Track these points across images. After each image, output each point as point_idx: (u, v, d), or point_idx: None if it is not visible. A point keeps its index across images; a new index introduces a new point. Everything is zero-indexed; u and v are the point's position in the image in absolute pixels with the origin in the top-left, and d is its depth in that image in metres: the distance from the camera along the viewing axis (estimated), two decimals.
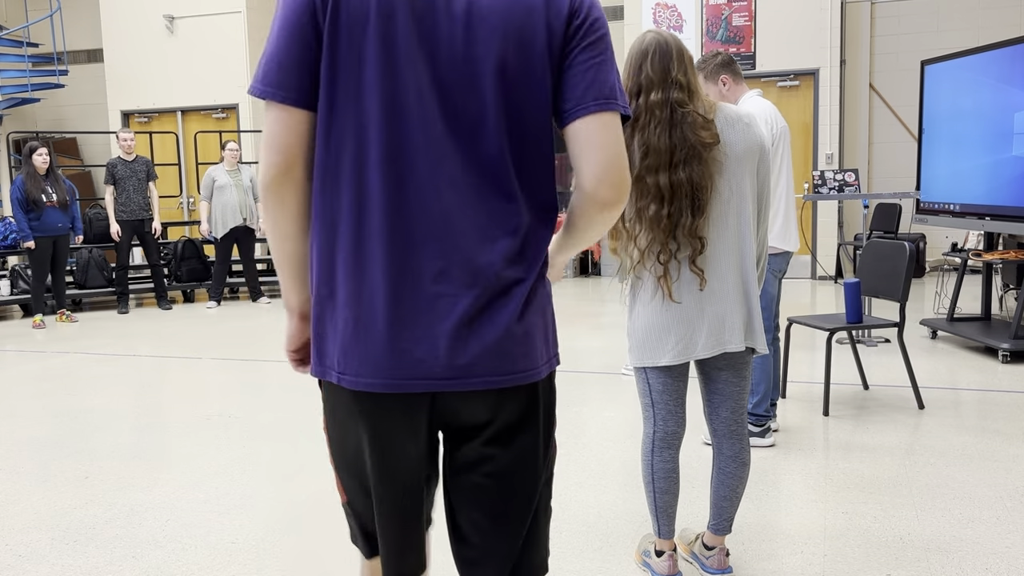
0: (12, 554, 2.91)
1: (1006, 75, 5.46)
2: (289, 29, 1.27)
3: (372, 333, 1.30)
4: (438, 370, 1.30)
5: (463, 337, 1.30)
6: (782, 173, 3.68)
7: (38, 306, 7.93)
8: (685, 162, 2.26)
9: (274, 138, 1.28)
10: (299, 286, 1.41)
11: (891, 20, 9.89)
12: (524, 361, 1.35)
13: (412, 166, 1.27)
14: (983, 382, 4.82)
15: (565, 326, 7.05)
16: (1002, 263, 6.56)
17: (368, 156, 1.27)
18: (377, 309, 1.30)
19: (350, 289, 1.31)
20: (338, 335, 1.33)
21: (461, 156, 1.28)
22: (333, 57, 1.26)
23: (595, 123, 1.31)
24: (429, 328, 1.29)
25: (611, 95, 1.31)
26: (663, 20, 9.59)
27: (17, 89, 10.97)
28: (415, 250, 1.29)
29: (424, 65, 1.26)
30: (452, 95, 1.27)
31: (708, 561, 2.57)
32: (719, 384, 2.46)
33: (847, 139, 9.87)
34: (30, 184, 7.64)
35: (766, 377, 3.69)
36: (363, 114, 1.26)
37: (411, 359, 1.30)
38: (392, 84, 1.26)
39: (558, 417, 4.34)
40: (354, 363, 1.31)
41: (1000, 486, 3.25)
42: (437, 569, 2.65)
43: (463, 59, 1.27)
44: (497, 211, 1.31)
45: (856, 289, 4.30)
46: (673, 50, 2.31)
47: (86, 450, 4.05)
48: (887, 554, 2.71)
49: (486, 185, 1.30)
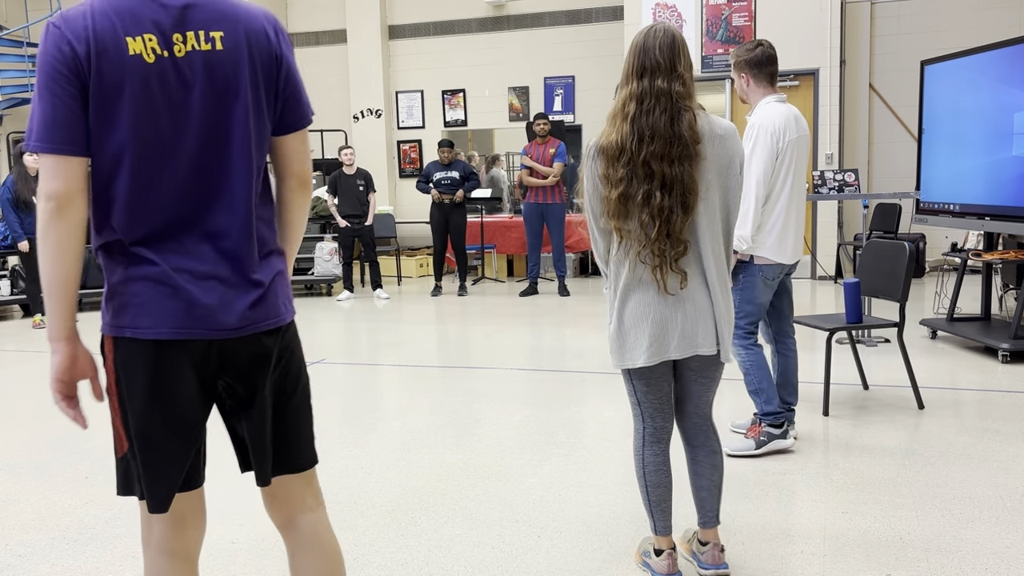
0: (12, 554, 2.91)
1: (1006, 75, 5.46)
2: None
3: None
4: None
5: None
6: (786, 186, 3.52)
7: (36, 306, 7.92)
8: (680, 159, 2.29)
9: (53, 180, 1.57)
10: (72, 312, 1.63)
11: (891, 20, 9.89)
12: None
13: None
14: (983, 382, 4.82)
15: (565, 326, 7.05)
16: (1002, 263, 6.57)
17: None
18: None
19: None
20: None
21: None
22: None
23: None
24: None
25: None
26: (663, 20, 9.59)
27: (17, 89, 10.97)
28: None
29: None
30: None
31: (703, 557, 2.59)
32: (690, 384, 2.50)
33: (847, 139, 9.87)
34: (21, 185, 7.53)
35: (765, 376, 3.66)
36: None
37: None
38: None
39: (558, 416, 4.34)
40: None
41: (1000, 486, 3.25)
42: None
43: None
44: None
45: (856, 289, 4.30)
46: (680, 46, 2.33)
47: (86, 450, 4.05)
48: (887, 554, 2.71)
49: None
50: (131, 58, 1.56)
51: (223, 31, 1.63)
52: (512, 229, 10.29)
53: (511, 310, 8.07)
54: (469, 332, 6.97)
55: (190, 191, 1.64)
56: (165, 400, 1.64)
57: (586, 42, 10.88)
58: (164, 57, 1.58)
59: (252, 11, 1.69)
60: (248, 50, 1.65)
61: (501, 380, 5.21)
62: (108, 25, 1.56)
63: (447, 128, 11.61)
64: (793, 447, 3.68)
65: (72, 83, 1.55)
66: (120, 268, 1.64)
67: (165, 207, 1.62)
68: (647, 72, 2.31)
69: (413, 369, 5.61)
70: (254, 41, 1.66)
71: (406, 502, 3.27)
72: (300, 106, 1.76)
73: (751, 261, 3.55)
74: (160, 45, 1.58)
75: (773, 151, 3.47)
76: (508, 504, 3.22)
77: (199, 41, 1.61)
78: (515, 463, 3.67)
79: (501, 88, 11.36)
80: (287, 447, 1.79)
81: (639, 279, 2.39)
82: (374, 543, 2.91)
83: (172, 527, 1.74)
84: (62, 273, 1.58)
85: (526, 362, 5.71)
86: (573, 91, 11.04)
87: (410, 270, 11.17)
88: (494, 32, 11.27)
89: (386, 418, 4.42)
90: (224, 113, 1.64)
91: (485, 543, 2.88)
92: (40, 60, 1.56)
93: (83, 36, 1.55)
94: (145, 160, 1.60)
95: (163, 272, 1.62)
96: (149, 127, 1.58)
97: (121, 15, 1.57)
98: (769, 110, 3.53)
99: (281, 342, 1.75)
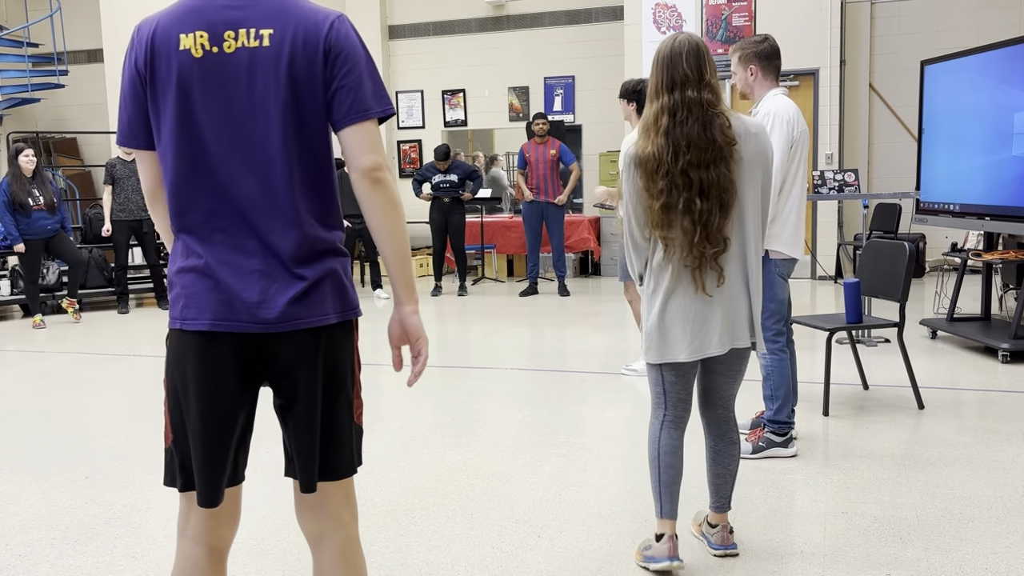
0: (12, 554, 2.91)
1: (1006, 75, 5.46)
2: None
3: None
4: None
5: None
6: (797, 178, 3.55)
7: (35, 307, 7.91)
8: (715, 163, 2.40)
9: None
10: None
11: (891, 20, 9.88)
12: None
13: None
14: (983, 382, 4.82)
15: (565, 326, 7.05)
16: (1002, 263, 6.56)
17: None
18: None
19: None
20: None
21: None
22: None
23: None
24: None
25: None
26: (663, 20, 9.59)
27: (17, 89, 10.97)
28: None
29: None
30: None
31: (713, 538, 2.73)
32: (714, 376, 2.63)
33: (847, 139, 9.87)
34: (16, 186, 7.48)
35: (784, 382, 3.58)
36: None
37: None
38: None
39: (558, 416, 4.34)
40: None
41: (1000, 486, 3.25)
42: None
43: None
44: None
45: (856, 289, 4.30)
46: (705, 53, 2.45)
47: (86, 450, 4.05)
48: (887, 554, 2.71)
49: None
50: (180, 53, 1.65)
51: (273, 28, 1.66)
52: (512, 229, 10.28)
53: (511, 310, 8.07)
54: (469, 332, 6.97)
55: (233, 183, 1.67)
56: (205, 393, 1.67)
57: (586, 42, 10.88)
58: (212, 52, 1.65)
59: (312, 10, 1.70)
60: (292, 46, 1.65)
61: (501, 380, 5.21)
62: (168, 24, 1.67)
63: (447, 128, 11.62)
64: (796, 452, 3.66)
65: (134, 82, 1.71)
66: (177, 258, 1.72)
67: (209, 198, 1.67)
68: (677, 85, 2.42)
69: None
70: (302, 37, 1.66)
71: (406, 502, 3.27)
72: (358, 99, 1.69)
73: (767, 256, 3.52)
74: (209, 41, 1.65)
75: (789, 139, 3.49)
76: (508, 504, 3.22)
77: (248, 38, 1.65)
78: (515, 463, 3.67)
79: (501, 88, 11.36)
80: (323, 452, 1.74)
81: (681, 281, 2.49)
82: (374, 543, 2.91)
83: (208, 519, 1.77)
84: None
85: (526, 362, 5.71)
86: (573, 91, 11.04)
87: None
88: (494, 32, 11.27)
89: (386, 418, 4.42)
90: (265, 108, 1.66)
91: (485, 543, 2.88)
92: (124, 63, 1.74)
93: (145, 39, 1.69)
94: (190, 150, 1.66)
95: (207, 264, 1.67)
96: (193, 119, 1.66)
97: (184, 15, 1.67)
98: (780, 101, 3.58)
99: (326, 342, 1.71)
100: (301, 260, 1.69)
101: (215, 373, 1.67)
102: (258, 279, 1.66)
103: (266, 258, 1.67)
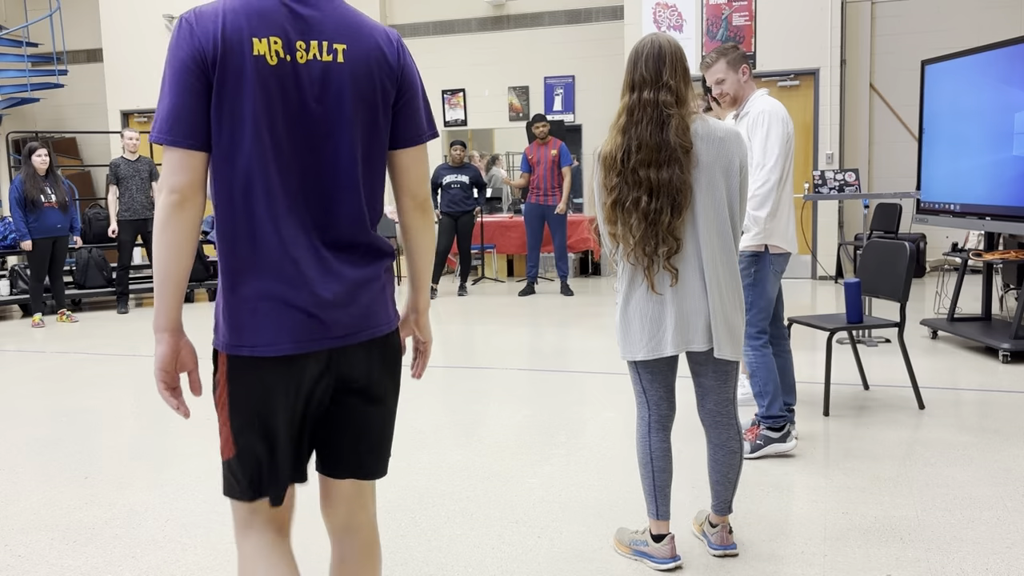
0: (12, 554, 2.91)
1: (1006, 75, 5.46)
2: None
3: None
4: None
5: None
6: (790, 172, 3.61)
7: (37, 305, 7.94)
8: (668, 163, 2.43)
9: (174, 175, 1.59)
10: (179, 304, 1.64)
11: (891, 20, 9.88)
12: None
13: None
14: (983, 382, 4.82)
15: (566, 326, 7.05)
16: (1002, 263, 6.56)
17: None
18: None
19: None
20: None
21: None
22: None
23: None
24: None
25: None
26: (663, 20, 9.59)
27: (17, 89, 10.97)
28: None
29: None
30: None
31: (713, 538, 2.74)
32: (702, 378, 2.65)
33: (847, 139, 9.87)
34: (29, 184, 7.65)
35: (772, 379, 3.62)
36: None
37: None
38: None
39: (558, 416, 4.34)
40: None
41: (1000, 486, 3.25)
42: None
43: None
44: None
45: (856, 289, 4.29)
46: (667, 55, 2.47)
47: (86, 450, 4.05)
48: (887, 554, 2.70)
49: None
50: (255, 58, 1.59)
51: (346, 44, 1.66)
52: (512, 229, 10.28)
53: (511, 310, 8.07)
54: (469, 332, 6.96)
55: (299, 194, 1.64)
56: (263, 407, 1.67)
57: (586, 42, 10.87)
58: (287, 61, 1.61)
59: (376, 28, 1.73)
60: (367, 65, 1.68)
61: (501, 380, 5.21)
62: (238, 25, 1.59)
63: (447, 128, 11.61)
64: (794, 451, 3.67)
65: (199, 79, 1.57)
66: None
67: (275, 208, 1.63)
68: (636, 86, 2.49)
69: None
70: (374, 57, 1.69)
71: (406, 502, 3.27)
72: (415, 123, 1.76)
73: (765, 251, 3.56)
74: (284, 49, 1.61)
75: (785, 135, 3.54)
76: (508, 504, 3.22)
77: (321, 51, 1.64)
78: (515, 463, 3.67)
79: (501, 88, 11.35)
80: (367, 452, 1.81)
81: (636, 280, 2.55)
82: None
83: (272, 511, 1.76)
84: (175, 268, 1.60)
85: (527, 362, 5.70)
86: (573, 91, 11.04)
87: None
88: (494, 32, 11.27)
89: None
90: (335, 123, 1.66)
91: (485, 543, 2.88)
92: (170, 54, 1.59)
93: (212, 33, 1.58)
94: (259, 158, 1.60)
95: (269, 286, 1.63)
96: (266, 127, 1.60)
97: (251, 16, 1.60)
98: (771, 100, 3.61)
99: (377, 352, 1.75)
100: (356, 277, 1.73)
101: (274, 391, 1.75)
102: (314, 294, 1.71)
103: (324, 275, 1.71)
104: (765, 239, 3.54)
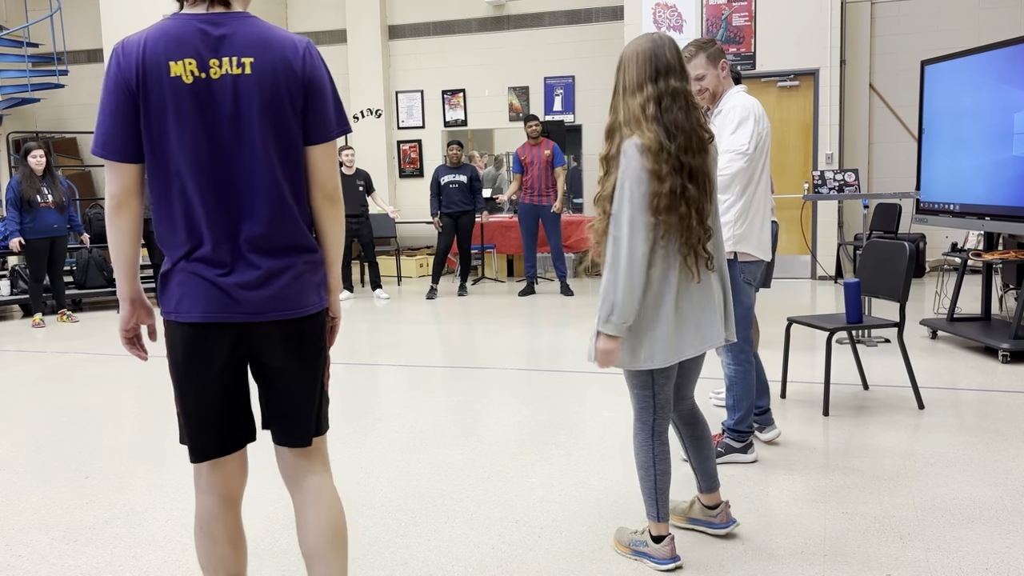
0: (12, 554, 2.91)
1: (1006, 75, 5.46)
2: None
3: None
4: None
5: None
6: (763, 176, 3.44)
7: (36, 305, 7.94)
8: (698, 152, 2.46)
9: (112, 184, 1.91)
10: (134, 280, 2.01)
11: (891, 20, 9.88)
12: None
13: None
14: (983, 382, 4.82)
15: (566, 326, 7.05)
16: (1002, 263, 6.56)
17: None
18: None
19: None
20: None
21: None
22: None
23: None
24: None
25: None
26: (663, 20, 9.58)
27: (17, 89, 10.96)
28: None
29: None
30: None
31: (717, 519, 2.79)
32: (687, 372, 2.71)
33: (847, 139, 9.87)
34: (26, 184, 7.67)
35: (748, 396, 3.51)
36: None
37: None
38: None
39: (558, 416, 4.34)
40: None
41: (1000, 486, 3.25)
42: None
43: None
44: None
45: (856, 289, 4.30)
46: (677, 49, 2.52)
47: (86, 450, 4.05)
48: (887, 554, 2.71)
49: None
50: (172, 79, 1.83)
51: (254, 57, 1.87)
52: (512, 229, 10.29)
53: (511, 310, 8.07)
54: (469, 332, 6.96)
55: (220, 195, 1.88)
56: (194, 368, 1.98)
57: (586, 42, 10.87)
58: (201, 79, 1.84)
59: (284, 39, 1.92)
60: (273, 74, 1.87)
61: (501, 380, 5.21)
62: (156, 51, 1.83)
63: (447, 128, 11.61)
64: (756, 459, 3.59)
65: (127, 102, 1.84)
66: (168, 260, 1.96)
67: (202, 209, 1.87)
68: (660, 74, 2.46)
69: (413, 369, 5.61)
70: (280, 66, 1.88)
71: (406, 502, 3.27)
72: (323, 121, 1.94)
73: (735, 259, 3.39)
74: (198, 68, 1.84)
75: (756, 135, 3.38)
76: (508, 504, 3.22)
77: (231, 66, 1.85)
78: (515, 463, 3.67)
79: (501, 88, 11.36)
80: (284, 422, 2.04)
81: (669, 277, 2.47)
82: (374, 543, 2.91)
83: (215, 473, 2.04)
84: (124, 254, 1.95)
85: (527, 362, 5.71)
86: (573, 91, 11.04)
87: (410, 270, 11.17)
88: (494, 32, 11.27)
89: (386, 418, 4.42)
90: (248, 130, 1.87)
91: (485, 543, 2.88)
92: (104, 79, 1.87)
93: (134, 61, 1.83)
94: (185, 166, 1.85)
95: (196, 267, 1.90)
96: (188, 139, 1.84)
97: (169, 43, 1.84)
98: (747, 97, 3.47)
99: (288, 331, 1.96)
100: (275, 262, 1.96)
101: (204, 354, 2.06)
102: (237, 277, 1.98)
103: (245, 261, 1.97)
104: (734, 246, 3.37)
